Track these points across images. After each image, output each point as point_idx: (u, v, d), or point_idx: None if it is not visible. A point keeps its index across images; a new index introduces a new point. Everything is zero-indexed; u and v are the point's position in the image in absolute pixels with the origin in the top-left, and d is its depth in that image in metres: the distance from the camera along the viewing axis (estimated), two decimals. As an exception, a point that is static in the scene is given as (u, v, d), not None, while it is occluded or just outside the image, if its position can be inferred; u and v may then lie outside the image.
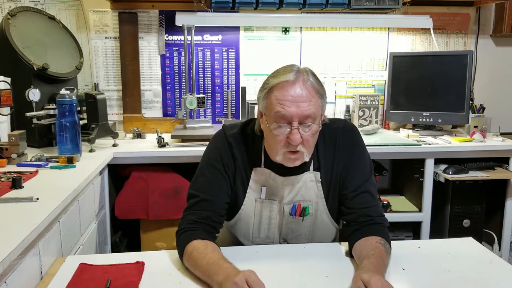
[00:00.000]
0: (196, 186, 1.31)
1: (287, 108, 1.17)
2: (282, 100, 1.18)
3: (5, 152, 1.82)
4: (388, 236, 1.24)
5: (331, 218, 1.37)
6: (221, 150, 1.32)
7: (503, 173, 2.41)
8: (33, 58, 2.15)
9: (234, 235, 1.42)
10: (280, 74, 1.22)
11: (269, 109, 1.21)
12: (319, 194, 1.34)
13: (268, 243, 1.38)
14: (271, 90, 1.21)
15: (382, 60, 2.91)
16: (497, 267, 1.21)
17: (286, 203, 1.34)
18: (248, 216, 1.36)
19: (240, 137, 1.34)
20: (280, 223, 1.36)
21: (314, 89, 1.20)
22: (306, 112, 1.18)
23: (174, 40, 2.76)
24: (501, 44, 3.01)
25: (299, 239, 1.39)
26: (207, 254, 1.12)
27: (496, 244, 2.53)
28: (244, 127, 1.36)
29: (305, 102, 1.18)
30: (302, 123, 1.19)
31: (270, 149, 1.27)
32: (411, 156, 2.39)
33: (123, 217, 2.21)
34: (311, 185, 1.33)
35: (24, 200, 1.34)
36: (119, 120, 2.76)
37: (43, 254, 1.21)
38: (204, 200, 1.26)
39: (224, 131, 1.36)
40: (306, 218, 1.35)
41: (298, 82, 1.19)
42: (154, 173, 2.27)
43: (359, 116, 2.84)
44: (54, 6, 2.64)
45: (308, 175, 1.33)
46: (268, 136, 1.26)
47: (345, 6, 2.57)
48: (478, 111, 2.80)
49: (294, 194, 1.34)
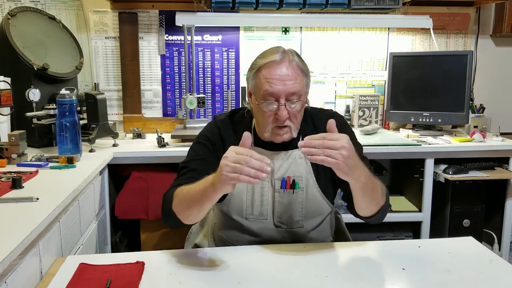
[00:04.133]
0: (185, 160, 1.41)
1: (274, 86, 1.26)
2: (270, 79, 1.27)
3: (5, 152, 1.82)
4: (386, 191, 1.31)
5: (322, 195, 1.41)
6: (210, 132, 1.43)
7: (503, 173, 2.41)
8: (33, 58, 2.15)
9: (229, 216, 1.43)
10: (267, 54, 1.30)
11: (258, 88, 1.30)
12: (309, 170, 1.39)
13: (261, 219, 1.40)
14: (259, 70, 1.30)
15: (382, 60, 2.91)
16: (497, 267, 1.21)
17: (277, 178, 1.39)
18: (240, 193, 1.39)
19: (229, 121, 1.44)
20: (273, 198, 1.40)
21: (299, 68, 1.30)
22: (292, 90, 1.27)
23: (174, 40, 2.76)
24: (501, 44, 3.01)
25: (293, 216, 1.41)
26: (193, 183, 1.19)
27: (496, 244, 2.53)
28: (233, 113, 1.47)
29: (291, 80, 1.27)
30: (288, 100, 1.28)
31: (259, 126, 1.36)
32: (411, 156, 2.39)
33: (123, 217, 2.21)
34: (300, 162, 1.39)
35: (24, 200, 1.34)
36: (119, 120, 2.76)
37: (43, 254, 1.21)
38: (191, 170, 1.35)
39: (214, 118, 1.48)
40: (297, 192, 1.39)
41: (284, 62, 1.28)
42: (154, 173, 2.27)
43: (359, 116, 2.84)
44: (54, 6, 2.64)
45: (297, 152, 1.39)
46: (257, 114, 1.35)
47: (345, 6, 2.57)
48: (478, 111, 2.80)
49: (284, 170, 1.39)
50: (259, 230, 1.41)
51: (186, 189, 1.21)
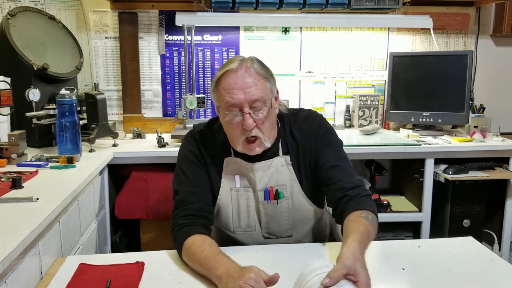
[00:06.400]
0: (179, 181, 1.35)
1: (234, 96, 1.23)
2: (229, 89, 1.24)
3: (5, 152, 1.82)
4: (369, 204, 1.24)
5: (309, 201, 1.39)
6: (191, 145, 1.38)
7: (503, 173, 2.41)
8: (33, 58, 2.15)
9: (219, 229, 1.43)
10: (225, 65, 1.28)
11: (220, 100, 1.27)
12: (292, 177, 1.37)
13: (250, 231, 1.39)
14: (219, 82, 1.27)
15: (382, 60, 2.91)
16: (497, 267, 1.21)
17: (260, 189, 1.37)
18: (226, 206, 1.38)
19: (207, 132, 1.40)
20: (258, 210, 1.38)
21: (257, 74, 1.26)
22: (253, 97, 1.23)
23: (174, 40, 2.76)
24: (501, 44, 3.01)
25: (280, 227, 1.39)
26: (205, 248, 1.13)
27: (496, 244, 2.53)
28: (210, 123, 1.43)
29: (251, 87, 1.23)
30: (252, 107, 1.24)
31: (231, 140, 1.32)
32: (411, 156, 2.39)
33: (123, 217, 2.21)
34: (282, 169, 1.37)
35: (24, 200, 1.34)
36: (119, 120, 2.76)
37: (43, 254, 1.21)
38: (191, 193, 1.31)
39: (193, 129, 1.44)
40: (281, 202, 1.37)
41: (241, 69, 1.24)
42: (154, 173, 2.26)
43: (359, 116, 2.84)
44: (54, 6, 2.64)
45: (278, 160, 1.36)
46: (226, 128, 1.32)
47: (345, 6, 2.57)
48: (478, 111, 2.80)
49: (267, 180, 1.36)
50: (249, 242, 1.39)
51: (192, 252, 1.15)
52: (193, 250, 1.15)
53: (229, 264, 1.06)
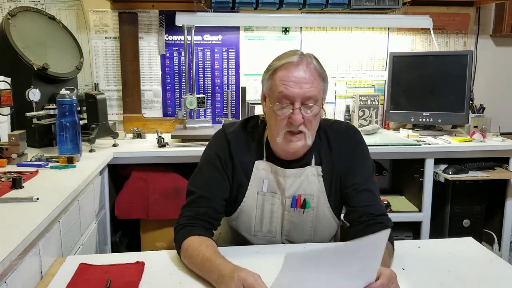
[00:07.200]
0: (194, 183, 1.33)
1: (290, 89, 1.21)
2: (286, 81, 1.22)
3: (5, 152, 1.82)
4: (390, 236, 1.24)
5: (332, 214, 1.38)
6: (220, 148, 1.34)
7: (503, 173, 2.41)
8: (33, 58, 2.15)
9: (236, 231, 1.42)
10: (285, 56, 1.26)
11: (272, 90, 1.25)
12: (321, 189, 1.35)
13: (270, 237, 1.38)
14: (275, 72, 1.25)
15: (382, 60, 2.91)
16: (497, 267, 1.21)
17: (287, 196, 1.34)
18: (249, 209, 1.36)
19: (241, 133, 1.36)
20: (282, 216, 1.37)
21: (316, 71, 1.25)
22: (308, 94, 1.22)
23: (174, 40, 2.76)
24: (501, 44, 3.01)
25: (301, 236, 1.38)
26: (201, 251, 1.13)
27: (496, 244, 2.53)
28: (244, 123, 1.39)
29: (308, 84, 1.22)
30: (304, 104, 1.22)
31: (272, 131, 1.29)
32: (411, 156, 2.39)
33: (123, 217, 2.21)
34: (312, 179, 1.34)
35: (24, 200, 1.34)
36: (119, 120, 2.76)
37: (43, 254, 1.21)
38: (201, 197, 1.29)
39: (223, 129, 1.39)
40: (307, 211, 1.35)
41: (302, 64, 1.23)
42: (154, 173, 2.27)
43: (359, 116, 2.84)
44: (54, 6, 2.64)
45: (310, 169, 1.34)
46: (270, 118, 1.29)
47: (345, 6, 2.57)
48: (478, 111, 2.80)
49: (296, 188, 1.34)
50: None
51: (189, 255, 1.15)
52: (189, 253, 1.16)
53: (222, 267, 1.06)
